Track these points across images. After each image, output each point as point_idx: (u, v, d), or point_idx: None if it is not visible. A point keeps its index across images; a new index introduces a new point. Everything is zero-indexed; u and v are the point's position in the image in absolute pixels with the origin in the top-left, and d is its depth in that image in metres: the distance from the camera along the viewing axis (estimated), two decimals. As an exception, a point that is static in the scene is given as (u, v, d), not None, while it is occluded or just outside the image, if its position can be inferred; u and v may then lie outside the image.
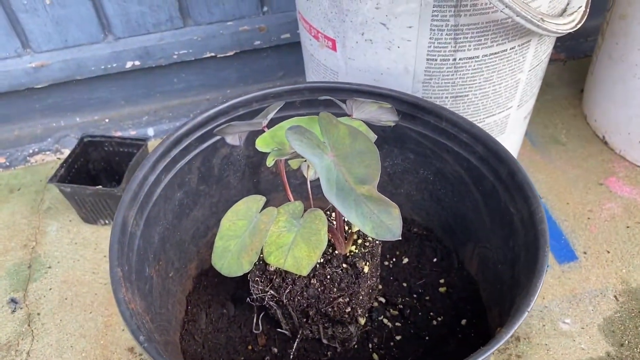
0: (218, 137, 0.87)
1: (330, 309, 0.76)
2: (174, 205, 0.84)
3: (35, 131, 1.46)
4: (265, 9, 1.37)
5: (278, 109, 0.71)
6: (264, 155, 0.95)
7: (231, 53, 1.40)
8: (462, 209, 0.88)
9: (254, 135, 0.89)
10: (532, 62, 1.00)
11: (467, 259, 0.91)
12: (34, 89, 1.38)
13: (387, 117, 0.77)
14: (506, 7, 0.79)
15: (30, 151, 1.43)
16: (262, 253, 0.68)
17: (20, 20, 1.26)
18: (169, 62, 1.37)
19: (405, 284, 0.91)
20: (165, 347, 0.71)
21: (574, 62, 1.60)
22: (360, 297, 0.76)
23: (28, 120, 1.44)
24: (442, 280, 0.91)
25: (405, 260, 0.94)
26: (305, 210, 0.69)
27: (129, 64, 1.36)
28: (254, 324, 0.88)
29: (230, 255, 0.68)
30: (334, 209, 0.75)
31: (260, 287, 0.78)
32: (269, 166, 0.65)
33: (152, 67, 1.39)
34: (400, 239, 0.62)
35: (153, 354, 0.58)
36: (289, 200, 0.70)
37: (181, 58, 1.37)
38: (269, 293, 0.78)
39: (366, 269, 0.77)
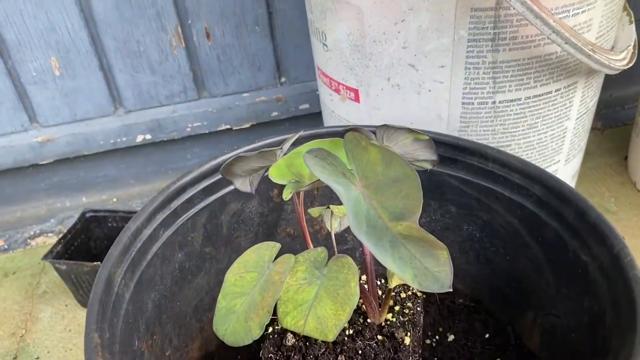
0: (227, 190, 0.75)
1: (363, 393, 0.60)
2: (174, 269, 0.71)
3: (38, 212, 1.36)
4: (283, 79, 1.31)
5: (296, 138, 0.60)
6: (281, 213, 0.83)
7: (247, 125, 1.32)
8: (517, 270, 0.73)
9: (268, 186, 0.78)
10: (579, 108, 0.89)
11: (526, 332, 0.75)
12: (39, 166, 1.30)
13: (424, 154, 0.65)
14: (553, 32, 0.70)
15: (32, 233, 1.33)
16: (275, 314, 0.54)
17: (28, 93, 1.21)
18: (182, 136, 1.30)
19: (452, 366, 0.75)
20: None
21: (612, 130, 1.50)
22: (402, 376, 0.60)
23: (32, 200, 1.36)
24: (497, 361, 0.74)
25: (451, 337, 0.78)
26: (329, 259, 0.56)
27: (139, 138, 1.29)
28: (268, 418, 0.71)
29: (236, 318, 0.54)
30: (363, 263, 0.61)
31: (275, 367, 0.63)
32: (286, 199, 0.53)
33: (163, 141, 1.31)
34: (450, 289, 0.48)
35: None
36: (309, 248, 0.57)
37: (195, 131, 1.30)
38: (286, 374, 0.63)
39: (407, 341, 0.62)
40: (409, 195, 0.50)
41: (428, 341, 0.78)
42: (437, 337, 0.79)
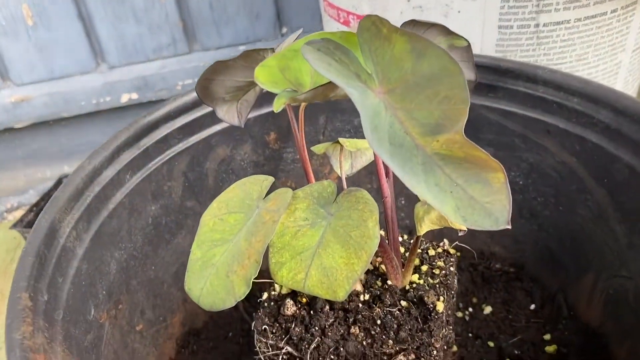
0: (212, 130, 0.61)
1: (384, 374, 0.46)
2: (146, 224, 0.57)
3: (16, 183, 1.23)
4: (284, 30, 1.17)
5: (295, 38, 0.46)
6: (279, 162, 0.69)
7: (245, 83, 1.18)
8: (572, 224, 0.59)
9: (264, 128, 0.64)
10: (637, 37, 0.74)
11: (582, 301, 0.60)
12: (15, 131, 1.17)
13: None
14: None
15: (8, 206, 1.20)
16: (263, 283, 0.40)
17: (-2, 46, 1.07)
18: (172, 94, 1.16)
19: (491, 344, 0.60)
20: None
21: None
22: (434, 353, 0.46)
23: (8, 169, 1.22)
24: (547, 337, 0.60)
25: (488, 309, 0.64)
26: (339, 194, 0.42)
27: (124, 98, 1.15)
28: (265, 408, 0.57)
29: (215, 273, 0.40)
30: (383, 210, 0.47)
31: (270, 342, 0.49)
32: (277, 111, 0.39)
33: (152, 101, 1.17)
34: (508, 226, 0.35)
35: None
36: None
37: (186, 89, 1.16)
38: (284, 351, 0.49)
39: (440, 307, 0.48)
40: (449, 97, 0.36)
41: (460, 314, 0.64)
42: (470, 309, 0.65)
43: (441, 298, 0.48)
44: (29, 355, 0.36)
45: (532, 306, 0.63)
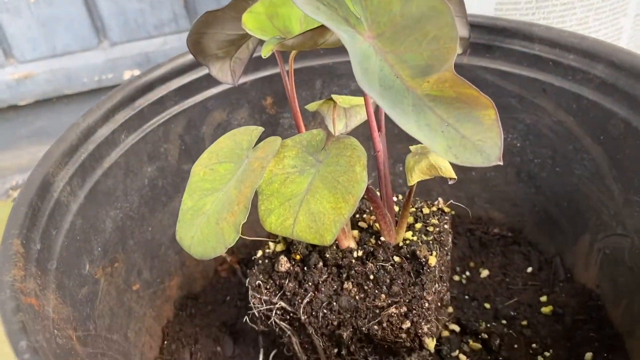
0: (208, 93, 0.62)
1: (376, 327, 0.46)
2: (142, 185, 0.58)
3: (20, 161, 1.24)
4: (286, 6, 1.16)
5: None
6: (276, 127, 0.69)
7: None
8: (569, 185, 0.58)
9: (260, 94, 0.64)
10: (639, 2, 0.73)
11: (579, 263, 0.60)
12: (18, 108, 1.17)
13: (452, 26, 0.50)
14: None
15: (13, 183, 1.20)
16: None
17: (1, 23, 1.08)
18: (174, 71, 1.16)
19: (488, 305, 0.60)
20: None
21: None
22: (426, 305, 0.46)
23: (12, 148, 1.23)
24: (543, 298, 0.60)
25: (485, 273, 0.64)
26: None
27: (127, 74, 1.15)
28: (260, 367, 0.58)
29: (205, 221, 0.40)
30: (375, 165, 0.47)
31: (264, 298, 0.50)
32: (265, 57, 0.39)
33: (154, 78, 1.17)
34: (500, 163, 0.35)
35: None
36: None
37: (188, 66, 1.16)
38: (278, 306, 0.49)
39: (432, 261, 0.48)
40: (438, 37, 0.36)
41: (457, 278, 0.64)
42: (467, 272, 0.65)
43: (434, 253, 0.48)
44: (19, 296, 0.36)
45: (529, 269, 0.63)
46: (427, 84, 0.36)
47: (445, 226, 0.52)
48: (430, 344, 0.45)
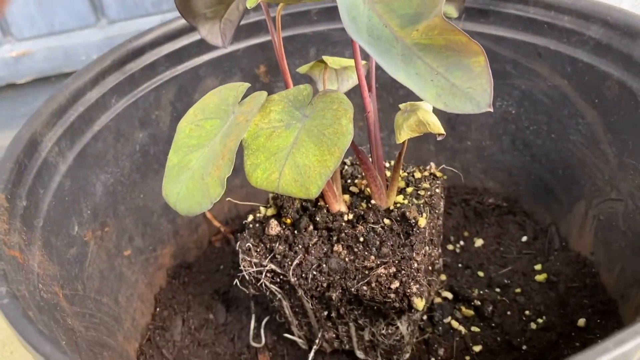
0: (200, 60, 0.61)
1: (365, 288, 0.46)
2: (133, 151, 0.57)
3: (20, 140, 1.24)
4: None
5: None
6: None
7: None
8: (564, 151, 0.58)
9: (253, 61, 0.63)
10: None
11: (574, 232, 0.60)
12: (17, 87, 1.17)
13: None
14: None
15: (12, 162, 1.20)
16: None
17: (-2, 0, 1.07)
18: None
19: (481, 273, 0.60)
20: (95, 349, 0.42)
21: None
22: (415, 266, 0.46)
23: (11, 128, 1.23)
24: (538, 267, 0.59)
25: (479, 242, 0.63)
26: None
27: (125, 53, 1.14)
28: (251, 333, 0.58)
29: (190, 176, 0.40)
30: (366, 126, 0.47)
31: (254, 261, 0.50)
32: (250, 7, 0.39)
33: (152, 57, 1.17)
34: (490, 109, 0.35)
35: (12, 314, 0.30)
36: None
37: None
38: (268, 268, 0.49)
39: (422, 222, 0.47)
40: (425, -16, 0.36)
41: (450, 247, 0.64)
42: (461, 242, 0.64)
43: (424, 215, 0.48)
44: (1, 247, 0.36)
45: (524, 238, 0.63)
46: (416, 33, 0.36)
47: (437, 190, 0.52)
48: (419, 304, 0.45)
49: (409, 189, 0.52)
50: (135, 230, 0.58)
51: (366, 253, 0.47)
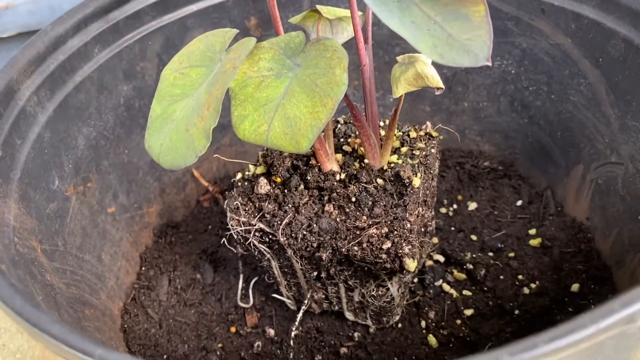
0: (187, 10, 0.58)
1: (356, 248, 0.45)
2: (117, 104, 0.55)
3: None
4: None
5: None
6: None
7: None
8: (564, 112, 0.56)
9: (244, 13, 0.61)
10: None
11: (570, 196, 0.58)
12: (1, 40, 1.13)
13: None
14: None
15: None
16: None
17: (-21, -52, 1.02)
18: (162, 5, 1.11)
19: (474, 237, 0.59)
20: (76, 306, 0.41)
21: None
22: (408, 227, 0.44)
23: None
24: (532, 231, 0.58)
25: (473, 205, 0.62)
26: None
27: (112, 7, 1.10)
28: (239, 294, 0.57)
29: (174, 127, 0.38)
30: (361, 80, 0.45)
31: (243, 220, 0.48)
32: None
33: (141, 12, 1.13)
34: (488, 63, 0.32)
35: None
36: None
37: None
38: (256, 227, 0.48)
39: (417, 182, 0.46)
40: None
41: (443, 210, 0.62)
42: (454, 205, 0.63)
43: (418, 174, 0.46)
44: (-27, 197, 0.34)
45: (519, 203, 0.61)
46: (413, -22, 0.34)
47: (432, 150, 0.50)
48: (411, 265, 0.44)
49: (404, 149, 0.50)
50: (120, 187, 0.56)
51: (358, 213, 0.45)
